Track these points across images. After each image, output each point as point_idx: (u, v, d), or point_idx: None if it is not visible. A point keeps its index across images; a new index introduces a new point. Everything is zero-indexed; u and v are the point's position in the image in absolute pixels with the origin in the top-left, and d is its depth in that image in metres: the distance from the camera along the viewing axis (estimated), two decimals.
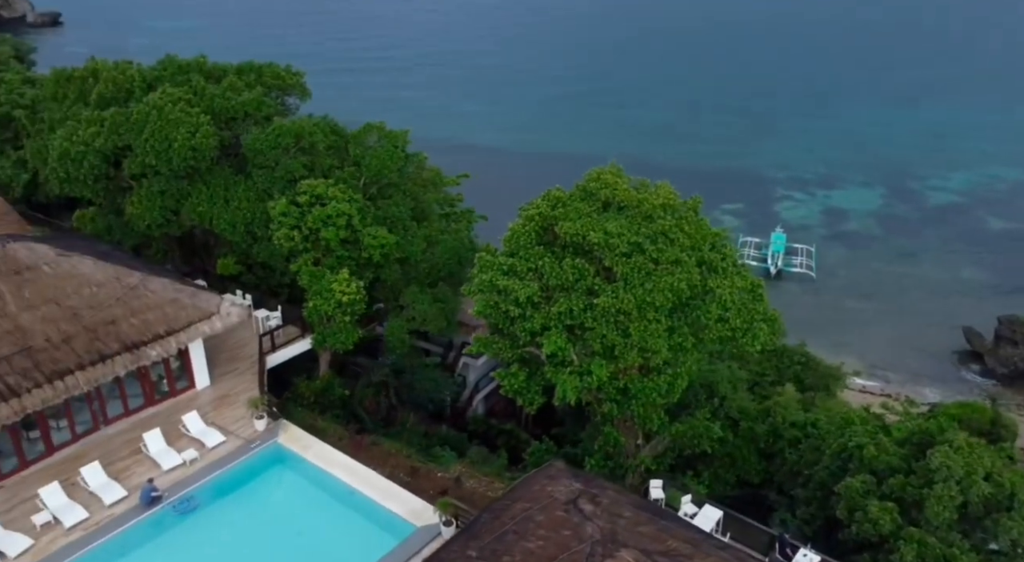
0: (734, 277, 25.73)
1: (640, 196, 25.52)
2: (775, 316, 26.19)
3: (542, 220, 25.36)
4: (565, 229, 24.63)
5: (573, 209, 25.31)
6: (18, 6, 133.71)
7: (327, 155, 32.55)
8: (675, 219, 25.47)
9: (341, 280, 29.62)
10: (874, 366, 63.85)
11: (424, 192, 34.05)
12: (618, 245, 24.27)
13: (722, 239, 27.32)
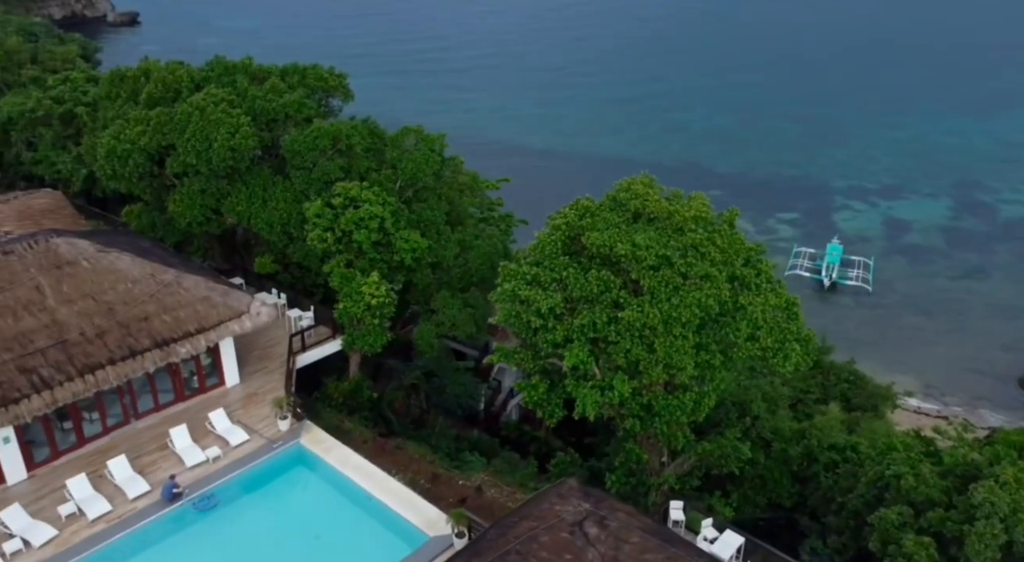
0: (768, 294, 24.69)
1: (671, 208, 24.70)
2: (809, 336, 25.03)
3: (569, 230, 24.79)
4: (592, 240, 24.00)
5: (601, 219, 24.67)
6: (100, 6, 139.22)
7: (364, 157, 32.58)
8: (707, 232, 24.56)
9: (371, 283, 29.59)
10: (931, 386, 61.14)
11: (460, 196, 33.80)
12: (646, 258, 23.53)
13: (758, 254, 26.24)
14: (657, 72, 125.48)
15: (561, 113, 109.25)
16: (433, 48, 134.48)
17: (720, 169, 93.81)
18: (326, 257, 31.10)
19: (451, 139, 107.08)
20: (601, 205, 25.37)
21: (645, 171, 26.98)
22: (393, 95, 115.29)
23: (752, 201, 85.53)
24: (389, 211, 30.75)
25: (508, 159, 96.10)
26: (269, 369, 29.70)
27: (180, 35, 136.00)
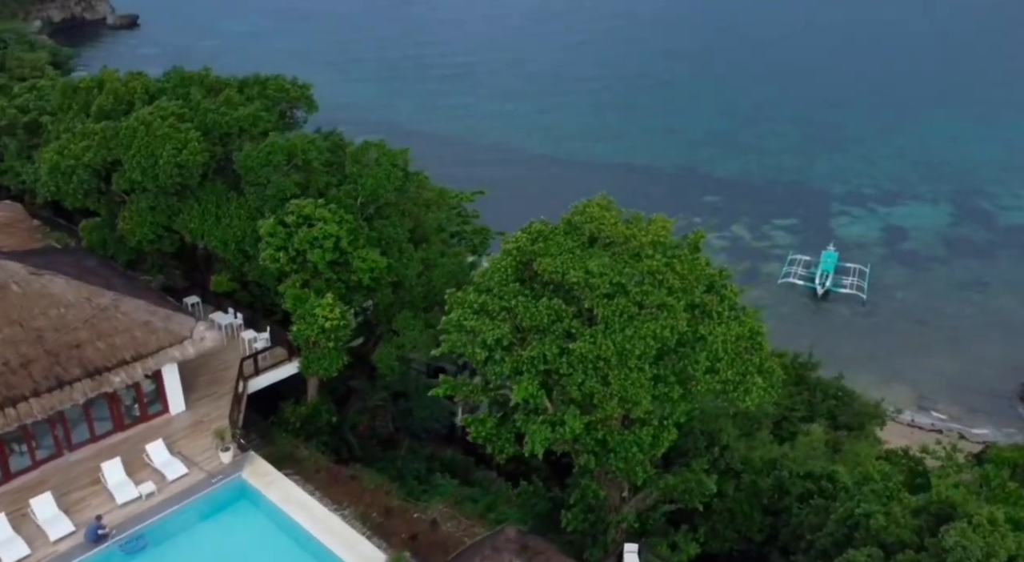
0: (730, 323, 23.15)
1: (628, 232, 23.16)
2: (773, 368, 23.46)
3: (521, 255, 23.30)
4: (543, 266, 22.52)
5: (555, 244, 23.16)
6: (99, 8, 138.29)
7: (324, 172, 31.18)
8: (666, 258, 23.03)
9: (325, 305, 28.20)
10: (925, 399, 59.37)
11: (425, 212, 32.36)
12: (599, 285, 22.03)
13: (722, 279, 24.68)
14: (656, 75, 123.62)
15: (557, 117, 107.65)
16: (432, 52, 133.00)
17: (718, 174, 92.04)
18: (283, 276, 29.76)
19: (444, 143, 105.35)
20: (555, 229, 23.86)
21: (603, 192, 25.44)
22: (389, 98, 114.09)
23: (749, 207, 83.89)
24: (346, 229, 29.34)
25: (502, 163, 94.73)
26: (219, 394, 28.35)
27: (180, 37, 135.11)
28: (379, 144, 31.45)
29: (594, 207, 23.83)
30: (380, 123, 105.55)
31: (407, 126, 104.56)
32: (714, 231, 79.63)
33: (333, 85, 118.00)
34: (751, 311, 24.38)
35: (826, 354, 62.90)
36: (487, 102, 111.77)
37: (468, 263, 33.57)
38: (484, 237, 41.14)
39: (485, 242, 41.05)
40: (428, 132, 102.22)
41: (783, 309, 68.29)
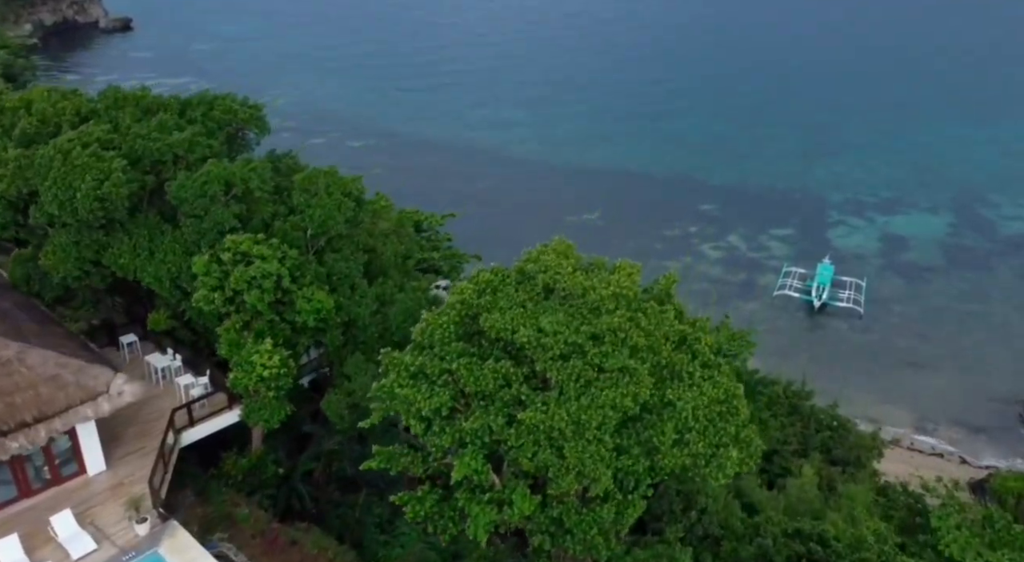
0: (703, 385, 20.07)
1: (587, 283, 20.04)
2: (750, 438, 20.35)
3: (466, 309, 20.25)
4: (490, 323, 19.47)
5: (504, 296, 20.09)
6: (92, 11, 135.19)
7: (269, 202, 28.15)
8: (629, 312, 19.94)
9: (263, 351, 25.21)
10: (924, 421, 56.22)
11: (383, 244, 29.32)
12: (553, 346, 18.98)
13: (696, 332, 21.57)
14: (653, 79, 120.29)
15: (552, 122, 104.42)
16: (427, 57, 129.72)
17: (714, 181, 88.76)
18: (222, 317, 26.76)
19: (436, 149, 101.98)
20: (506, 279, 20.75)
21: (561, 235, 22.33)
22: (382, 103, 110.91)
23: (745, 216, 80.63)
24: (289, 266, 26.35)
25: (494, 170, 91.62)
26: (148, 450, 25.35)
27: (173, 41, 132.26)
28: (329, 171, 28.39)
29: (549, 254, 20.73)
30: (372, 128, 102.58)
31: (399, 131, 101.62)
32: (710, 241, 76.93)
33: (325, 89, 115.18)
34: (727, 369, 21.22)
35: (821, 372, 59.95)
36: (480, 107, 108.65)
37: (431, 296, 30.51)
38: (457, 262, 38.17)
39: (458, 268, 38.11)
40: (420, 138, 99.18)
41: (778, 323, 65.27)
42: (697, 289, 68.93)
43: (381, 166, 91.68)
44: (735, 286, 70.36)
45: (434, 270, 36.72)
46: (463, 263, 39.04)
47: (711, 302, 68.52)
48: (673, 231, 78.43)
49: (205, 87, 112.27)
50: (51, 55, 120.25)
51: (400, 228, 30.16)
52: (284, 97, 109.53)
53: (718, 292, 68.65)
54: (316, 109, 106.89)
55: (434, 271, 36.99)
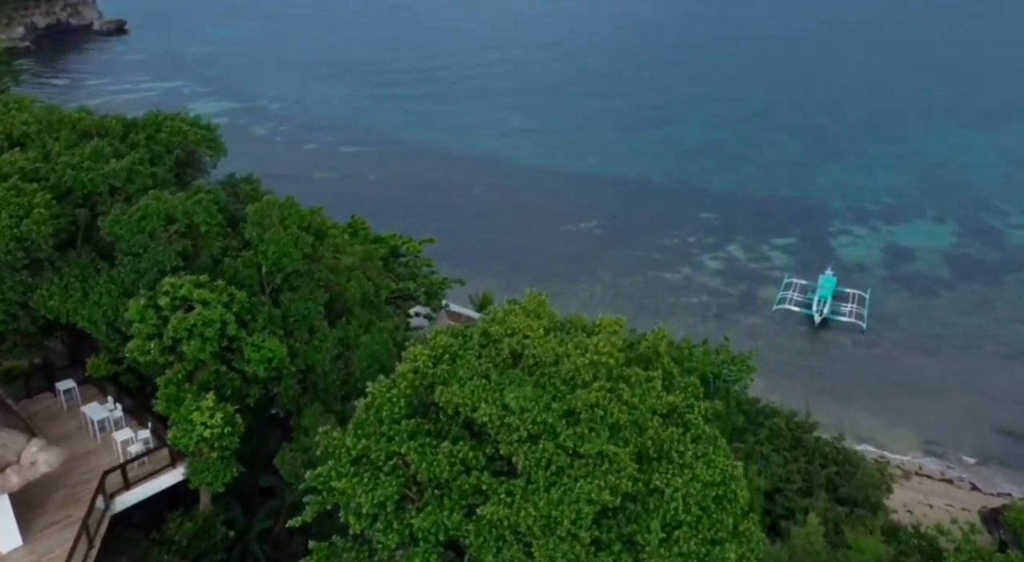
0: (695, 465, 16.93)
1: (560, 349, 16.89)
2: (750, 531, 17.20)
3: (420, 379, 17.13)
4: (447, 397, 16.37)
5: (465, 365, 16.95)
6: (86, 14, 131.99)
7: (219, 236, 25.04)
8: (610, 382, 16.82)
9: (205, 408, 22.14)
10: (933, 444, 53.01)
11: (346, 280, 26.24)
12: (519, 426, 15.91)
13: (688, 399, 18.39)
14: (651, 83, 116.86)
15: (548, 127, 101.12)
16: (423, 60, 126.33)
17: (712, 188, 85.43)
18: (164, 367, 23.69)
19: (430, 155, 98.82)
20: (467, 342, 17.59)
21: (535, 289, 19.12)
22: (376, 107, 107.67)
23: (745, 224, 77.34)
24: (237, 310, 23.28)
25: (491, 176, 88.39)
26: (75, 519, 22.29)
27: (168, 43, 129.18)
28: (286, 202, 25.24)
29: (518, 314, 17.50)
30: (366, 134, 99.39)
31: (394, 137, 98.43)
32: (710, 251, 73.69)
33: (320, 94, 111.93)
34: (722, 443, 18.03)
35: (824, 391, 56.86)
36: (477, 112, 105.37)
37: (401, 338, 27.38)
38: (439, 289, 35.02)
39: (439, 295, 34.97)
40: (415, 143, 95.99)
41: (779, 339, 62.10)
42: (696, 302, 65.90)
43: (374, 173, 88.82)
44: (734, 299, 67.15)
45: (411, 300, 33.63)
46: (445, 289, 35.96)
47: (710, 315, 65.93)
48: (671, 240, 75.16)
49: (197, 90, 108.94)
50: (43, 58, 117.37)
51: (368, 261, 27.09)
52: (278, 101, 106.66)
53: (717, 305, 65.61)
54: (310, 114, 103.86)
55: (412, 300, 33.90)
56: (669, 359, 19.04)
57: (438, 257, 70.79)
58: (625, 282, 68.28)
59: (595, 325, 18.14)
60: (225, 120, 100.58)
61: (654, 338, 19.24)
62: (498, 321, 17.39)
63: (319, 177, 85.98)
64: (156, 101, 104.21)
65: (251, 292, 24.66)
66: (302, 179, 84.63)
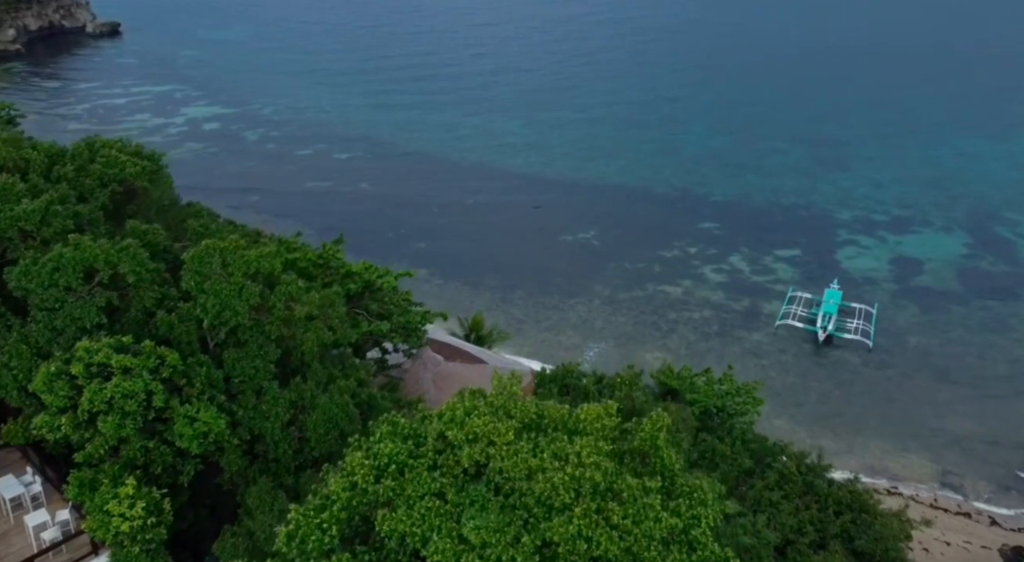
0: None
1: (533, 462, 13.12)
2: None
3: (357, 499, 13.39)
4: (390, 526, 12.67)
5: (414, 482, 13.21)
6: (79, 16, 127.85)
7: (153, 287, 21.32)
8: (596, 503, 13.09)
9: (123, 496, 18.44)
10: (948, 473, 49.23)
11: (303, 331, 22.57)
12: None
13: (695, 505, 14.63)
14: (651, 88, 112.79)
15: (548, 133, 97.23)
16: (420, 65, 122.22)
17: (714, 197, 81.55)
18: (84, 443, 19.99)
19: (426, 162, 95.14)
20: (418, 450, 13.82)
21: (514, 371, 15.33)
22: (372, 112, 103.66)
23: (748, 235, 73.47)
24: (166, 375, 19.58)
25: (487, 183, 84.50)
26: None
27: (162, 47, 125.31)
28: (228, 247, 21.42)
29: (483, 413, 13.71)
30: (361, 139, 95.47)
31: (388, 142, 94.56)
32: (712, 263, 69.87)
33: (314, 98, 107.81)
34: None
35: (831, 415, 53.00)
36: (474, 117, 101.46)
37: (367, 394, 23.61)
38: (416, 327, 31.20)
39: (417, 333, 31.18)
40: (410, 149, 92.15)
41: (784, 357, 58.39)
42: (698, 317, 62.11)
43: (367, 181, 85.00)
44: (737, 314, 63.36)
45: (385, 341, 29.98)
46: (425, 324, 32.23)
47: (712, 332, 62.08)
48: (672, 252, 71.34)
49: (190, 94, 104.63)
50: (34, 61, 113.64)
51: (329, 307, 23.43)
52: (271, 106, 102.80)
53: (719, 321, 61.79)
54: (304, 118, 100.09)
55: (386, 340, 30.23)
56: (671, 453, 15.29)
57: (430, 271, 67.71)
58: (623, 297, 64.51)
59: (579, 420, 14.34)
60: (216, 125, 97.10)
61: (652, 426, 15.46)
62: (458, 422, 13.57)
63: (311, 186, 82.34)
64: (147, 106, 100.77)
65: (189, 351, 20.99)
66: (293, 188, 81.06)
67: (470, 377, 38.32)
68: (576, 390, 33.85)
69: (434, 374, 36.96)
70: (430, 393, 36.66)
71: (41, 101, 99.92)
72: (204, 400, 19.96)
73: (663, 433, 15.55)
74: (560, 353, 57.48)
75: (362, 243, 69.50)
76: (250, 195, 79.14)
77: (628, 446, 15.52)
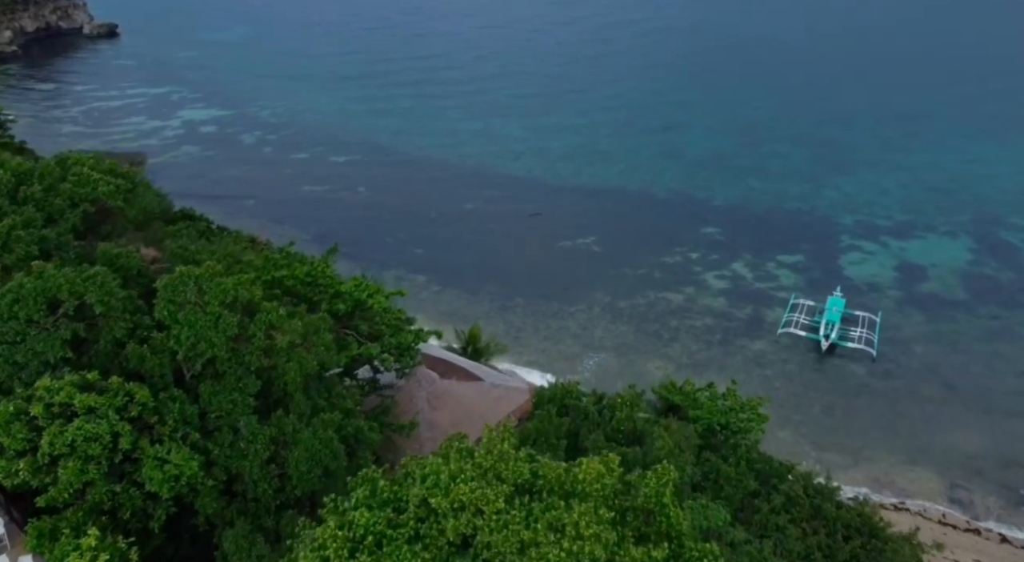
0: None
1: (527, 534, 11.59)
2: None
3: None
4: None
5: (393, 555, 11.71)
6: (77, 17, 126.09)
7: (120, 317, 19.83)
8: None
9: (85, 549, 16.94)
10: (957, 488, 47.74)
11: (285, 361, 21.06)
12: None
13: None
14: (652, 90, 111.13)
15: (548, 136, 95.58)
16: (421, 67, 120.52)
17: (716, 201, 79.92)
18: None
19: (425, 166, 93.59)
20: (399, 519, 12.33)
21: (506, 426, 13.78)
22: (372, 115, 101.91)
23: (750, 240, 71.82)
24: (135, 414, 18.10)
25: (486, 187, 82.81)
26: None
27: (160, 48, 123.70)
28: (205, 273, 19.90)
29: (469, 478, 12.19)
30: (358, 142, 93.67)
31: (386, 145, 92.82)
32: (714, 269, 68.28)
33: (312, 99, 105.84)
34: None
35: (836, 428, 51.28)
36: (474, 120, 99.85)
37: (355, 426, 22.13)
38: (409, 346, 29.66)
39: (410, 353, 29.61)
40: (408, 153, 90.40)
41: (787, 367, 56.89)
42: (700, 325, 60.52)
43: (364, 184, 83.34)
44: (740, 322, 61.84)
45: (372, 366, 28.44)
46: (418, 343, 30.68)
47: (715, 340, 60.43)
48: (673, 257, 69.78)
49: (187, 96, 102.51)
50: (31, 63, 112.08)
51: (314, 334, 21.87)
52: (268, 109, 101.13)
53: (722, 329, 60.21)
54: (301, 122, 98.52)
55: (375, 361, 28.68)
56: (678, 512, 13.81)
57: (428, 278, 66.12)
58: (624, 304, 62.98)
59: (578, 481, 12.80)
60: (213, 128, 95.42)
61: (657, 482, 13.96)
62: (442, 488, 12.06)
63: (307, 190, 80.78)
64: (144, 108, 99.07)
65: (162, 384, 19.51)
66: (289, 192, 79.50)
67: (466, 396, 36.88)
68: (575, 411, 32.39)
69: (429, 393, 35.49)
70: (424, 413, 35.19)
71: (36, 104, 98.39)
72: (176, 438, 18.48)
73: (668, 490, 14.05)
74: (559, 363, 55.95)
75: (358, 249, 67.93)
76: (246, 199, 77.64)
77: (632, 503, 14.05)
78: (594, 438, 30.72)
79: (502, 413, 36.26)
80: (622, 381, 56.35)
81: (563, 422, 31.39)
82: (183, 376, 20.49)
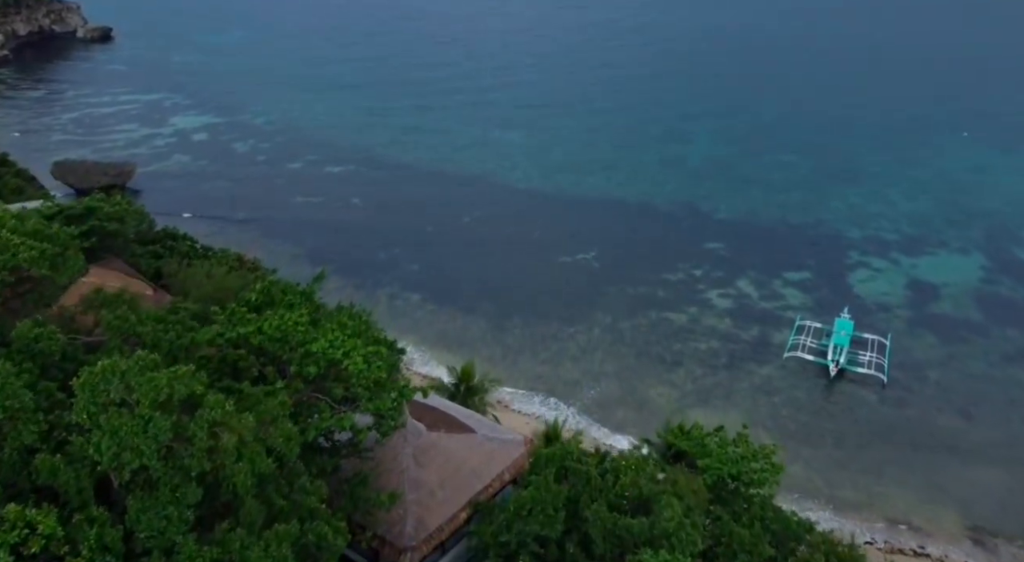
0: None
1: None
2: None
3: None
4: None
5: None
6: (70, 21, 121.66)
7: (30, 420, 16.08)
8: None
9: None
10: (979, 530, 43.99)
11: (233, 460, 17.37)
12: None
13: None
14: (655, 99, 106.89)
15: (548, 145, 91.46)
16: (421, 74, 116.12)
17: (719, 214, 75.94)
18: None
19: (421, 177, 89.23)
20: None
21: None
22: (368, 123, 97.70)
23: (755, 256, 67.85)
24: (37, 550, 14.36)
25: (485, 199, 78.83)
26: None
27: (154, 52, 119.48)
28: (133, 365, 16.08)
29: None
30: (355, 151, 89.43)
31: (383, 155, 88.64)
32: None
33: (308, 107, 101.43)
34: None
35: (851, 463, 47.16)
36: (472, 128, 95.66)
37: (322, 531, 18.39)
38: (393, 408, 25.75)
39: (391, 419, 25.73)
40: (405, 163, 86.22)
41: (795, 393, 53.05)
42: (704, 348, 56.63)
43: (359, 196, 79.27)
44: (746, 344, 58.02)
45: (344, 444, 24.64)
46: (401, 403, 26.87)
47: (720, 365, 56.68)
48: (676, 275, 65.88)
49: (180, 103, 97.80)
50: (22, 67, 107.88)
51: (271, 423, 18.05)
52: (263, 116, 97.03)
53: (727, 352, 56.35)
54: (296, 130, 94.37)
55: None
56: None
57: (422, 297, 62.25)
58: (625, 325, 59.12)
59: None
60: (206, 136, 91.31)
61: None
62: None
63: (300, 202, 76.77)
64: (135, 115, 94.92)
65: (79, 502, 15.76)
66: (281, 204, 75.56)
67: (456, 451, 32.99)
68: (576, 475, 28.71)
69: (415, 447, 31.64)
70: (410, 470, 31.32)
71: (26, 110, 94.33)
72: None
73: None
74: (559, 388, 52.35)
75: (351, 266, 64.13)
76: (237, 211, 73.74)
77: None
78: (596, 508, 27.01)
79: (495, 470, 32.55)
80: (623, 410, 52.84)
81: (562, 490, 27.67)
82: (111, 484, 16.78)
